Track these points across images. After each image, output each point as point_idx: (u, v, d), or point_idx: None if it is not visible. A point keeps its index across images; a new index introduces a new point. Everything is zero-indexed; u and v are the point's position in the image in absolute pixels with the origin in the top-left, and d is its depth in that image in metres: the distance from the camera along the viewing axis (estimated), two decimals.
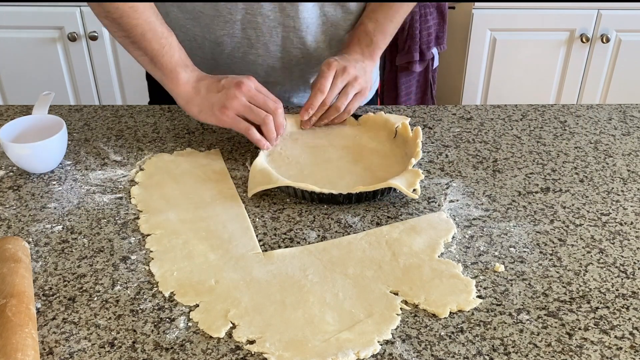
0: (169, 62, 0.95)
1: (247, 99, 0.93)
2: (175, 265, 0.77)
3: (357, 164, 0.96)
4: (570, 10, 2.08)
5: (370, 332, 0.68)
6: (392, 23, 1.09)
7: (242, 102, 0.93)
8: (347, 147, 1.00)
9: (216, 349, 0.66)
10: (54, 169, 0.96)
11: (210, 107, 0.95)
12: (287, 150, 0.98)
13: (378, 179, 0.91)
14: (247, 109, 0.94)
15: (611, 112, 1.13)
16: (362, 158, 0.97)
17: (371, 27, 1.07)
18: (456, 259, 0.79)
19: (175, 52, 0.96)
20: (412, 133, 0.98)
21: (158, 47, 0.95)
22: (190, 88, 0.96)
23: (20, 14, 2.01)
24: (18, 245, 0.76)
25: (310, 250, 0.80)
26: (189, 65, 0.98)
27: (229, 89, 0.94)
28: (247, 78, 0.95)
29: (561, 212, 0.87)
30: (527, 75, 2.21)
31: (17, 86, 2.14)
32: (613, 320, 0.70)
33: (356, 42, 1.07)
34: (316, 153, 0.98)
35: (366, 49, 1.06)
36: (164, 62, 0.95)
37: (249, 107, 0.94)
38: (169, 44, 0.95)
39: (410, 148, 0.96)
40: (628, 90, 2.23)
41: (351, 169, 0.95)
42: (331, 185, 0.88)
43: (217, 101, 0.94)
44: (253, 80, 0.96)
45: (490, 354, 0.66)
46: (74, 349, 0.66)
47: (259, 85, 0.96)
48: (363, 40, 1.06)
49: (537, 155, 1.00)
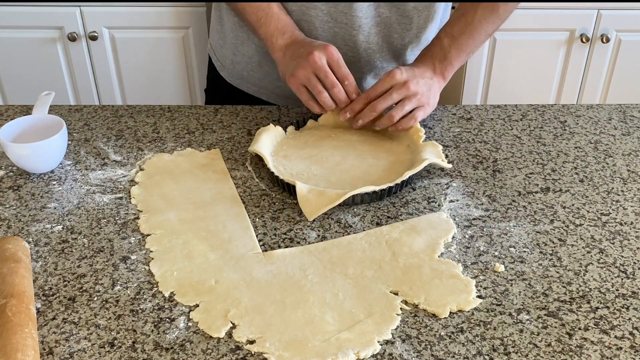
0: (265, 32, 1.03)
1: (312, 70, 0.96)
2: (175, 265, 0.77)
3: (364, 157, 0.97)
4: (570, 10, 2.08)
5: (370, 332, 0.68)
6: (471, 40, 1.04)
7: (305, 73, 0.96)
8: (337, 146, 1.00)
9: (216, 349, 0.66)
10: (54, 169, 0.96)
11: (285, 73, 1.01)
12: (292, 168, 0.95)
13: (399, 162, 0.95)
14: (308, 80, 0.97)
15: (611, 112, 1.13)
16: (361, 151, 0.99)
17: (447, 42, 1.03)
18: (456, 259, 0.79)
19: (272, 21, 1.03)
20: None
21: (255, 19, 1.03)
22: (281, 53, 1.03)
23: (20, 14, 2.01)
24: (18, 245, 0.76)
25: (310, 250, 0.80)
26: (287, 30, 1.03)
27: (301, 58, 0.97)
28: (323, 48, 0.96)
29: (561, 212, 0.87)
30: (527, 75, 2.20)
31: (17, 86, 2.14)
32: (613, 320, 0.70)
33: (429, 57, 1.04)
34: (319, 161, 0.97)
35: (438, 64, 1.03)
36: (261, 33, 1.04)
37: (309, 79, 0.97)
38: (265, 15, 1.03)
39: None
40: (628, 90, 2.23)
41: (367, 163, 0.96)
42: (367, 182, 0.90)
43: (290, 68, 0.99)
44: (330, 50, 0.97)
45: (490, 354, 0.66)
46: (74, 349, 0.66)
47: (333, 57, 0.97)
48: (437, 55, 1.03)
49: (537, 155, 1.00)
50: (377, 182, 0.89)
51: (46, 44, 2.07)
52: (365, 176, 0.93)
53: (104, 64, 2.11)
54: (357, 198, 0.87)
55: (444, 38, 1.04)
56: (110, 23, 2.03)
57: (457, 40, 1.03)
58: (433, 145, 0.96)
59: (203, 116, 1.10)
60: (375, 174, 0.94)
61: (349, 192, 0.85)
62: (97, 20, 2.03)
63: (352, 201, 0.88)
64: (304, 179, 0.92)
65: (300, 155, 0.98)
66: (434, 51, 1.04)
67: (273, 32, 1.03)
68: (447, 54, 1.03)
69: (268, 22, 1.03)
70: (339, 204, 0.86)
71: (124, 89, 2.17)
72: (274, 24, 1.03)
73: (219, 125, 1.07)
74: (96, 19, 2.03)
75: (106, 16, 2.01)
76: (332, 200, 0.85)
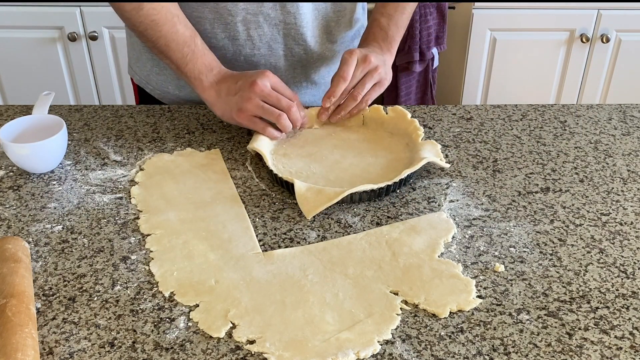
0: (192, 70, 0.98)
1: (260, 99, 0.94)
2: (175, 265, 0.77)
3: (363, 155, 0.98)
4: (570, 10, 2.08)
5: (370, 332, 0.68)
6: (404, 15, 1.10)
7: (255, 104, 0.94)
8: (336, 145, 1.00)
9: (216, 349, 0.66)
10: (54, 169, 0.96)
11: (229, 110, 0.97)
12: (292, 167, 0.96)
13: (398, 160, 0.95)
14: (260, 109, 0.95)
15: (611, 112, 1.13)
16: (360, 149, 0.99)
17: (384, 21, 1.08)
18: (456, 259, 0.79)
19: (198, 58, 0.98)
20: (390, 112, 1.03)
21: (180, 56, 0.98)
22: (214, 92, 0.98)
23: (20, 14, 2.01)
24: (18, 245, 0.76)
25: (310, 250, 0.80)
26: (214, 67, 0.99)
27: (243, 91, 0.95)
28: (263, 75, 0.95)
29: (561, 212, 0.87)
30: (527, 75, 2.21)
31: (17, 86, 2.14)
32: (613, 320, 0.70)
33: (372, 38, 1.07)
34: (319, 160, 0.97)
35: (383, 43, 1.07)
36: (187, 71, 0.99)
37: (262, 107, 0.95)
38: (191, 52, 0.98)
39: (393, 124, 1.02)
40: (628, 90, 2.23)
41: (366, 161, 0.96)
42: (366, 180, 0.90)
43: (234, 104, 0.96)
44: (269, 76, 0.95)
45: (490, 354, 0.66)
46: (74, 349, 0.66)
47: (275, 81, 0.96)
48: (379, 35, 1.07)
49: (537, 155, 1.00)
50: (375, 181, 0.89)
51: (46, 44, 2.07)
52: (364, 174, 0.93)
53: (104, 64, 2.11)
54: (355, 196, 0.87)
55: (380, 18, 1.08)
56: (110, 23, 2.03)
57: (393, 17, 1.09)
58: (432, 144, 0.96)
59: (203, 116, 1.10)
60: (374, 172, 0.94)
61: (347, 190, 0.85)
62: (97, 20, 2.03)
63: (351, 199, 0.88)
64: (303, 177, 0.92)
65: (299, 153, 0.98)
66: (375, 32, 1.08)
67: (201, 70, 0.98)
68: (388, 32, 1.08)
69: (195, 59, 0.98)
70: (338, 202, 0.86)
71: (124, 89, 2.17)
72: (200, 60, 0.98)
73: (219, 125, 1.07)
74: (96, 19, 2.03)
75: (106, 16, 2.01)
76: (330, 198, 0.85)
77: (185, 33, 0.97)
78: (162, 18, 0.96)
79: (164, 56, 0.99)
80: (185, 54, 0.98)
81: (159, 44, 0.98)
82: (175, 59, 0.98)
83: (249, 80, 0.95)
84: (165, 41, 0.97)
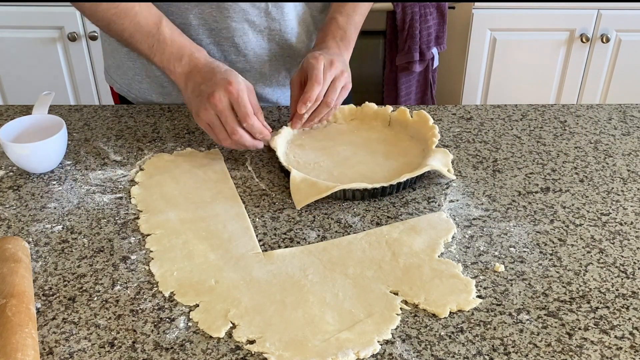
0: (160, 61, 0.97)
1: (215, 113, 0.90)
2: (175, 265, 0.77)
3: (375, 155, 0.98)
4: (570, 10, 2.08)
5: (370, 332, 0.68)
6: (360, 16, 1.10)
7: (209, 115, 0.91)
8: (353, 142, 1.01)
9: (216, 349, 0.66)
10: (54, 169, 0.96)
11: (190, 109, 0.96)
12: (302, 157, 0.97)
13: (408, 164, 0.94)
14: (212, 123, 0.92)
15: (611, 112, 1.13)
16: (375, 149, 0.99)
17: (342, 20, 1.07)
18: (456, 259, 0.79)
19: (165, 47, 0.96)
20: (415, 116, 1.02)
21: (147, 47, 0.96)
22: (183, 84, 0.97)
23: (20, 14, 2.01)
24: (18, 245, 0.76)
25: (310, 250, 0.80)
26: (183, 55, 0.96)
27: (202, 97, 0.92)
28: (225, 87, 0.90)
29: (561, 212, 0.87)
30: (527, 75, 2.20)
31: (17, 86, 2.14)
32: (613, 320, 0.70)
33: (331, 37, 1.05)
34: (330, 154, 0.98)
35: (341, 42, 1.05)
36: (156, 61, 0.98)
37: (213, 122, 0.92)
38: (156, 41, 0.96)
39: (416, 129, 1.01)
40: (628, 90, 2.23)
41: (375, 161, 0.96)
42: (370, 180, 0.89)
43: (194, 106, 0.94)
44: (231, 88, 0.89)
45: (490, 354, 0.66)
46: (74, 349, 0.66)
47: (236, 96, 0.89)
48: (337, 33, 1.06)
49: (537, 155, 1.00)
50: (378, 181, 0.89)
51: (46, 44, 2.07)
52: (368, 174, 0.93)
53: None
54: (348, 193, 0.87)
55: (339, 17, 1.07)
56: None
57: (352, 17, 1.08)
58: (444, 153, 0.94)
59: None
60: (380, 172, 0.93)
61: (339, 185, 0.86)
62: None
63: (344, 196, 0.88)
64: (309, 169, 0.93)
65: (314, 146, 1.00)
66: (333, 30, 1.06)
67: (169, 59, 0.96)
68: (347, 32, 1.06)
69: (161, 49, 0.96)
70: (338, 201, 0.87)
71: None
72: (167, 49, 0.96)
73: None
74: None
75: None
76: (321, 191, 0.85)
77: (149, 22, 0.96)
78: (121, 10, 0.94)
79: (132, 48, 0.99)
80: (150, 44, 0.96)
81: (124, 36, 0.97)
82: (142, 50, 0.97)
83: (211, 88, 0.91)
84: (129, 33, 0.96)
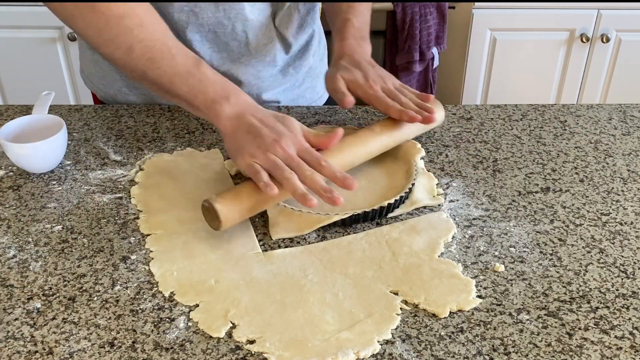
0: (203, 101, 0.86)
1: (282, 160, 0.80)
2: (175, 265, 0.77)
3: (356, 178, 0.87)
4: (570, 10, 2.09)
5: (370, 332, 0.68)
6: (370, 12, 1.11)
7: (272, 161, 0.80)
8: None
9: (216, 349, 0.66)
10: (54, 169, 0.96)
11: (238, 149, 0.84)
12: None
13: (391, 187, 0.89)
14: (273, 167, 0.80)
15: (611, 112, 1.13)
16: (356, 171, 0.91)
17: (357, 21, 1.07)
18: (456, 258, 0.79)
19: (208, 86, 0.86)
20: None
21: (187, 89, 0.87)
22: (229, 124, 0.85)
23: (20, 14, 2.01)
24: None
25: (310, 250, 0.80)
26: (229, 93, 0.87)
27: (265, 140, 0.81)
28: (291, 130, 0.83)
29: (561, 212, 0.87)
30: (527, 75, 2.21)
31: (17, 86, 2.14)
32: (613, 320, 0.70)
33: (351, 36, 1.05)
34: None
35: (361, 41, 1.06)
36: (199, 103, 0.87)
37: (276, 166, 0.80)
38: (198, 82, 0.87)
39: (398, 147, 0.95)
40: (628, 90, 2.23)
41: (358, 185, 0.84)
42: (352, 205, 0.84)
43: (248, 147, 0.82)
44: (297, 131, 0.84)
45: (490, 354, 0.66)
46: (74, 349, 0.66)
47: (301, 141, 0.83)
48: (357, 34, 1.06)
49: (537, 155, 1.00)
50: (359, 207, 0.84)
51: (46, 44, 2.07)
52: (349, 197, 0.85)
53: None
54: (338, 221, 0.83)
55: (352, 18, 1.07)
56: None
57: (365, 16, 1.09)
58: (428, 177, 0.92)
59: None
60: (361, 196, 0.87)
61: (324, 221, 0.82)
62: None
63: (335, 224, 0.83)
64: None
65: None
66: (350, 31, 1.06)
67: (214, 99, 0.86)
68: (361, 31, 1.07)
69: (204, 88, 0.86)
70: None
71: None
72: (211, 88, 0.86)
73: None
74: None
75: None
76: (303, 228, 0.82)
77: (187, 62, 0.87)
78: (157, 54, 0.86)
79: (171, 95, 0.89)
80: (192, 86, 0.86)
81: (162, 82, 0.87)
82: (182, 93, 0.87)
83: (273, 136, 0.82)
84: (168, 77, 0.87)
